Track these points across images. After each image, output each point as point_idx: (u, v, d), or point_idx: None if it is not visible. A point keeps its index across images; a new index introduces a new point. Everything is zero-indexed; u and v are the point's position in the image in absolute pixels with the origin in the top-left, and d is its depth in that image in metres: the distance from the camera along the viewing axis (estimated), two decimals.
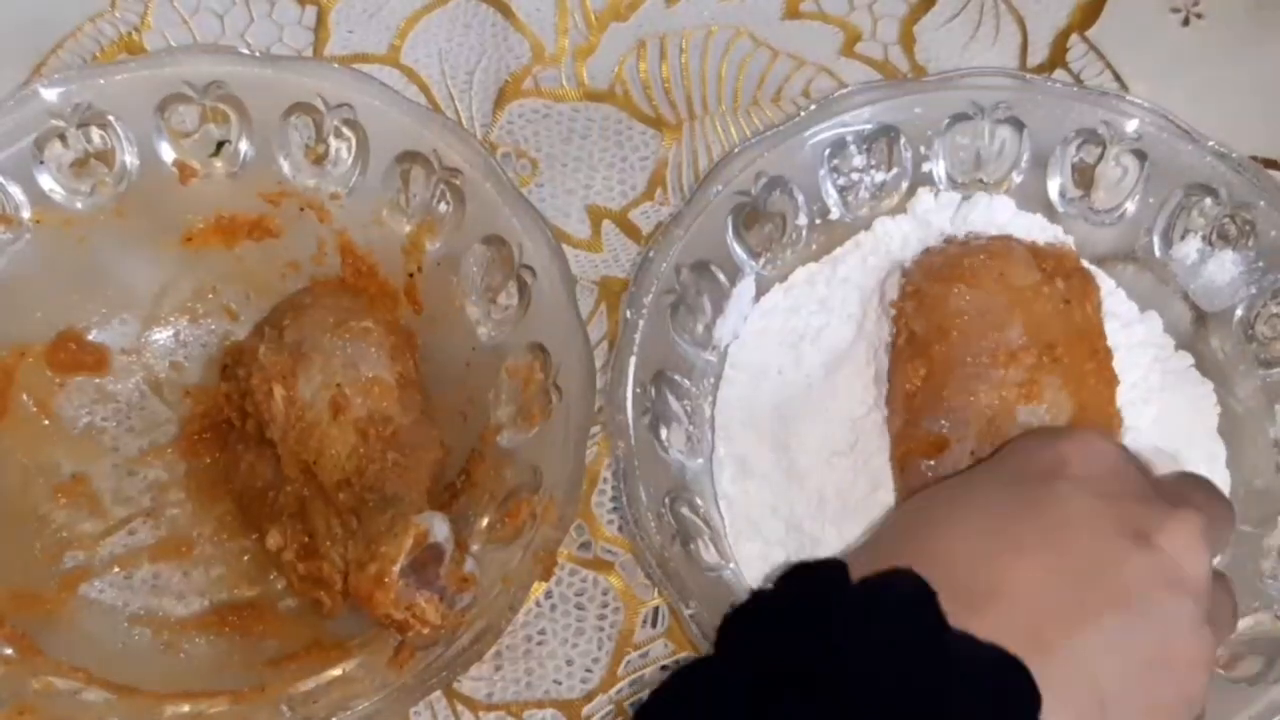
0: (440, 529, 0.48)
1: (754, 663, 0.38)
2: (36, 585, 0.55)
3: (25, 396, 0.57)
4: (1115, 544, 0.41)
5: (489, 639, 0.50)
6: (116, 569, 0.56)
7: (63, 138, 0.56)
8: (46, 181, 0.56)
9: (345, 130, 0.57)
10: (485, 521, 0.53)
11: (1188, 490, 0.46)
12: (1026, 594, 0.40)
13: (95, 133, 0.56)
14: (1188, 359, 0.58)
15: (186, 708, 0.52)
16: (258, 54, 0.59)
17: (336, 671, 0.52)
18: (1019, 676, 0.38)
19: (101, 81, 0.56)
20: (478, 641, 0.50)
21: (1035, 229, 0.58)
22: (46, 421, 0.57)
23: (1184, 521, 0.43)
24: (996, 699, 0.37)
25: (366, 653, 0.52)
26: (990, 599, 0.39)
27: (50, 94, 0.56)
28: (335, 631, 0.54)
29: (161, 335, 0.59)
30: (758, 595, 0.42)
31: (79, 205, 0.57)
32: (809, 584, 0.41)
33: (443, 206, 0.56)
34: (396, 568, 0.47)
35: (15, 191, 0.56)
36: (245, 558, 0.56)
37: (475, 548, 0.52)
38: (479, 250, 0.56)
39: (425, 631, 0.48)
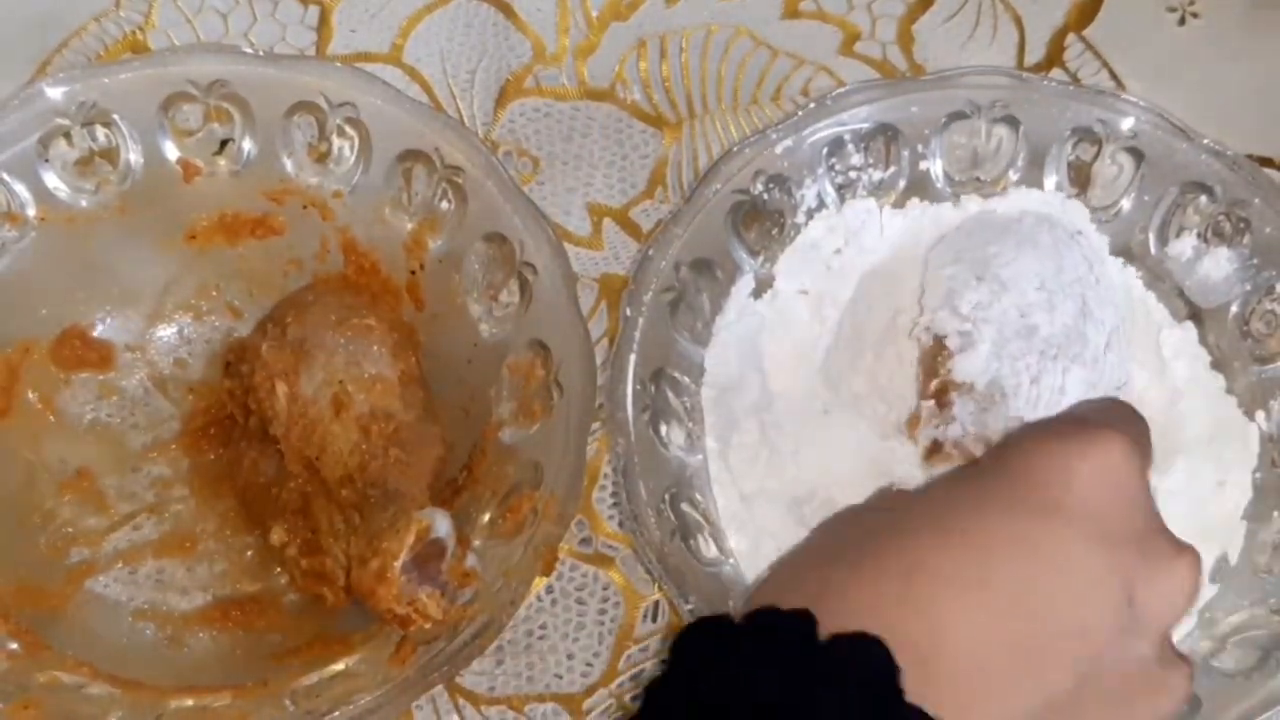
0: (442, 524, 0.49)
1: (718, 690, 0.37)
2: (41, 580, 0.55)
3: (30, 393, 0.57)
4: (1096, 613, 0.40)
5: (490, 634, 0.50)
6: (121, 564, 0.56)
7: (67, 136, 0.56)
8: (51, 179, 0.56)
9: (348, 129, 0.57)
10: (487, 517, 0.53)
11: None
12: (988, 668, 0.38)
13: (100, 131, 0.57)
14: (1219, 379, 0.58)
15: (190, 702, 0.52)
16: (261, 53, 0.59)
17: (339, 666, 0.52)
18: None
19: (106, 80, 0.56)
20: (479, 637, 0.50)
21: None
22: (51, 418, 0.58)
23: (1178, 571, 0.41)
24: None
25: (369, 648, 0.52)
26: (954, 671, 0.38)
27: (55, 93, 0.56)
28: (338, 626, 0.54)
29: (165, 332, 0.60)
30: (723, 625, 0.40)
31: (83, 203, 0.57)
32: (778, 633, 0.39)
33: (444, 204, 0.57)
34: (398, 563, 0.48)
35: (20, 189, 0.56)
36: (248, 553, 0.57)
37: (477, 543, 0.52)
38: (480, 248, 0.56)
39: (427, 626, 0.49)
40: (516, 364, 0.55)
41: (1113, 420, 0.43)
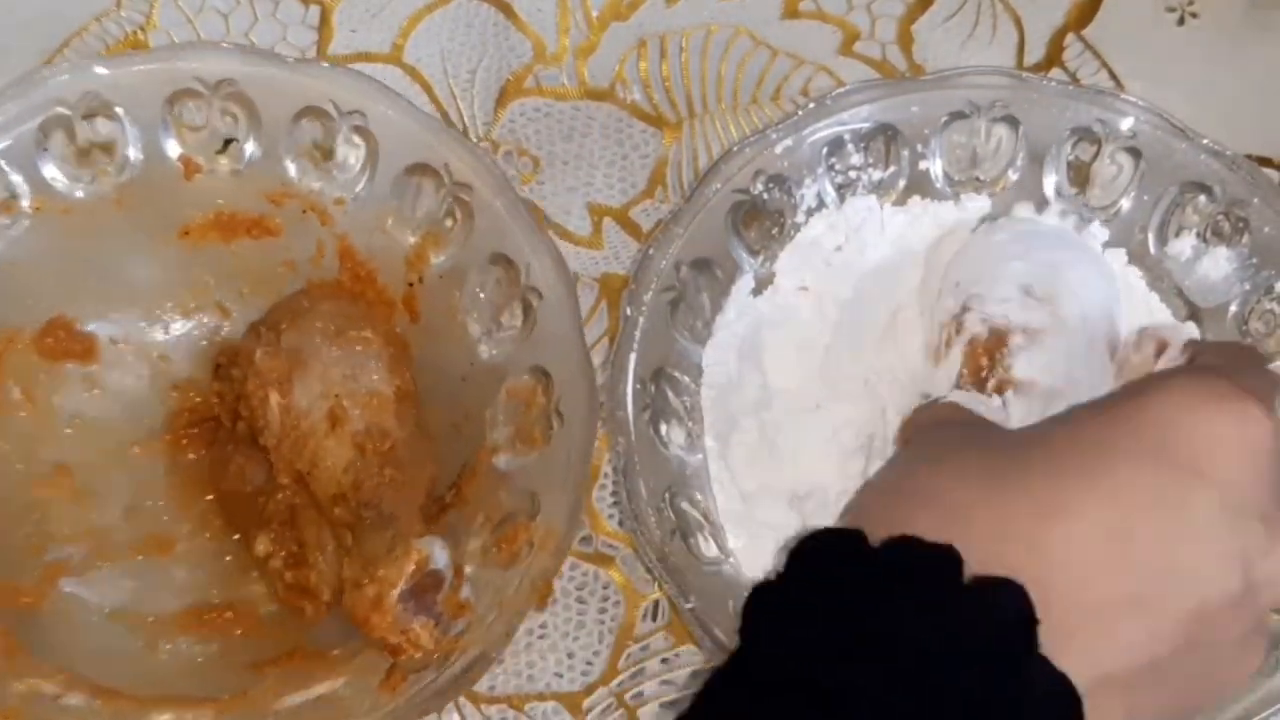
0: (440, 556, 0.48)
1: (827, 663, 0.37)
2: (17, 576, 0.54)
3: (11, 384, 0.56)
4: (1216, 584, 0.40)
5: (482, 666, 0.49)
6: (98, 563, 0.55)
7: (68, 127, 0.56)
8: (49, 170, 0.56)
9: (356, 137, 0.56)
10: (479, 543, 0.52)
11: None
12: (1111, 619, 0.39)
13: (101, 123, 0.56)
14: None
15: (169, 716, 0.51)
16: (273, 54, 0.58)
17: (323, 688, 0.51)
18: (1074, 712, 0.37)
19: (110, 72, 0.56)
20: (470, 670, 0.49)
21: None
22: (31, 410, 0.57)
23: None
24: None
25: (354, 670, 0.52)
26: (1082, 628, 0.38)
27: (57, 81, 0.55)
28: (316, 639, 0.53)
29: (152, 328, 0.59)
30: (860, 546, 0.39)
31: (79, 194, 0.56)
32: (917, 573, 0.38)
33: (449, 221, 0.56)
34: (395, 592, 0.47)
35: (17, 179, 0.55)
36: (227, 558, 0.56)
37: (469, 569, 0.51)
38: (485, 267, 0.55)
39: (418, 656, 0.48)
40: (516, 389, 0.54)
41: (1254, 382, 0.43)
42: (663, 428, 0.55)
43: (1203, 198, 0.58)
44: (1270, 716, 0.51)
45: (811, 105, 0.59)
